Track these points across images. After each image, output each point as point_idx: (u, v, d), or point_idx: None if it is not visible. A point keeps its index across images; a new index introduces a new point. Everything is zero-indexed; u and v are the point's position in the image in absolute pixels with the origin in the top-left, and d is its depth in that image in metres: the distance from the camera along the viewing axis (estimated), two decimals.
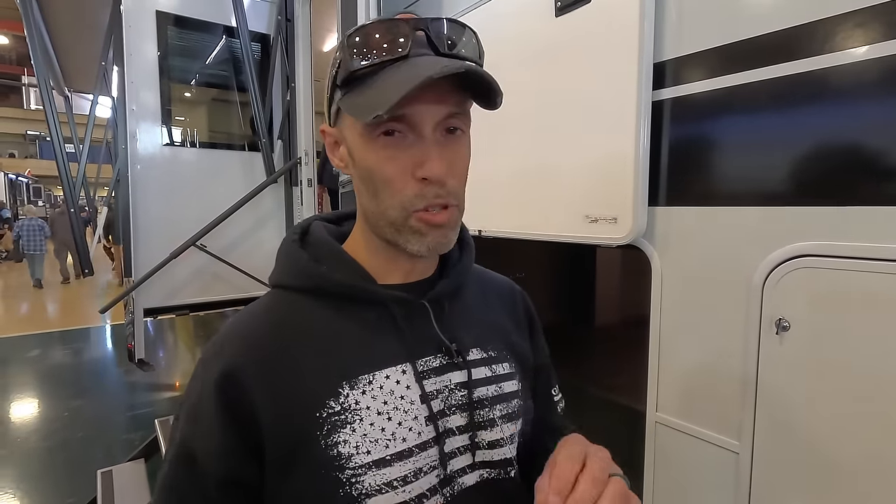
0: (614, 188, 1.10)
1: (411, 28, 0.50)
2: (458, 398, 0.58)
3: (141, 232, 2.68)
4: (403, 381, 0.55)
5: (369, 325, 0.56)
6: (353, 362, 0.54)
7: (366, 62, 0.50)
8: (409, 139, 0.52)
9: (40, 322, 6.46)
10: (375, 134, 0.52)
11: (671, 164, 1.05)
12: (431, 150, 0.51)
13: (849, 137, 0.80)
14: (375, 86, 0.50)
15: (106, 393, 4.21)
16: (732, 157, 0.95)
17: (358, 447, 0.51)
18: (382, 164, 0.52)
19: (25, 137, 23.82)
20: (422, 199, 0.52)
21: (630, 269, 2.76)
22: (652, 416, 1.10)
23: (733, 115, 0.94)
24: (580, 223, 1.19)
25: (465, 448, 0.57)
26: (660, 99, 1.05)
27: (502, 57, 1.39)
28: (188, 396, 0.55)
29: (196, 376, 0.55)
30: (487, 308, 0.68)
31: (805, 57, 0.82)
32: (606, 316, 2.53)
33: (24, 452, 3.12)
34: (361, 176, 0.55)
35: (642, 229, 1.07)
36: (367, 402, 0.53)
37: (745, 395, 0.92)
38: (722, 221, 0.96)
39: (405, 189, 0.52)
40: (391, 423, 0.53)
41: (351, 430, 0.51)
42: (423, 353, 0.57)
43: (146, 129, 2.73)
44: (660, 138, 1.06)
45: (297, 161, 2.97)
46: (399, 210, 0.53)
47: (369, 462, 0.51)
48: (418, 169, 0.51)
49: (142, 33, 2.70)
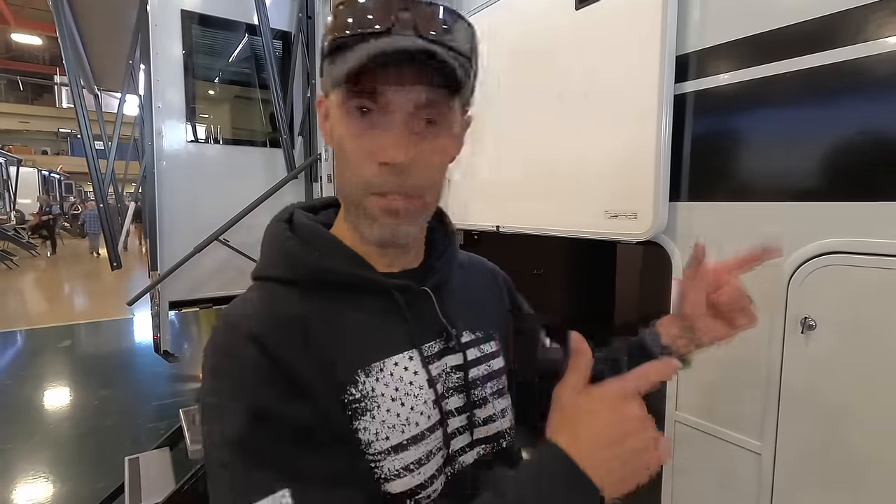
0: (635, 183, 1.09)
1: (397, 6, 0.49)
2: (454, 380, 0.59)
3: (166, 227, 2.75)
4: (411, 367, 0.56)
5: (375, 313, 0.56)
6: (365, 351, 0.54)
7: (348, 31, 0.49)
8: (381, 122, 0.50)
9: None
10: (350, 108, 0.51)
11: (693, 158, 1.03)
12: (397, 137, 0.50)
13: (881, 131, 0.77)
14: (350, 55, 0.48)
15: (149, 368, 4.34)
16: (757, 151, 0.93)
17: (377, 434, 0.52)
18: (349, 140, 0.51)
19: (58, 135, 24.64)
20: (381, 184, 0.51)
21: (650, 266, 2.72)
22: (671, 415, 1.08)
23: (759, 109, 0.92)
24: (600, 219, 1.17)
25: (464, 428, 0.59)
26: (682, 92, 1.03)
27: (522, 51, 1.38)
28: (226, 371, 0.50)
29: (229, 354, 0.51)
30: (471, 291, 0.67)
31: (836, 47, 0.79)
32: (626, 313, 2.49)
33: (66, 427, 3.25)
34: (336, 151, 0.55)
35: (663, 225, 1.06)
36: (382, 389, 0.53)
37: (769, 395, 0.89)
38: (746, 217, 0.94)
39: (364, 170, 0.51)
40: (405, 409, 0.54)
41: (370, 418, 0.52)
42: (425, 339, 0.58)
43: (171, 126, 2.79)
44: (682, 132, 1.04)
45: (318, 157, 3.00)
46: (358, 189, 0.52)
47: (388, 448, 0.52)
48: (380, 152, 0.50)
49: (167, 32, 2.76)
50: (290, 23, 3.10)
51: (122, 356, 5.14)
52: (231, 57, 3.07)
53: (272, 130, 3.09)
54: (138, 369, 4.72)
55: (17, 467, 2.90)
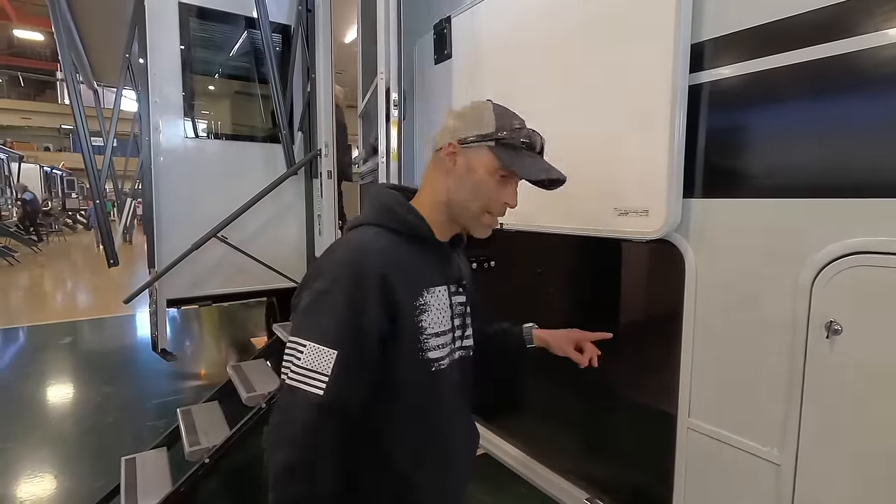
0: (646, 179, 1.03)
1: (540, 139, 0.90)
2: (459, 310, 0.96)
3: (164, 223, 2.70)
4: (444, 295, 0.92)
5: (432, 259, 0.92)
6: (427, 279, 0.90)
7: (519, 143, 0.88)
8: (509, 184, 0.90)
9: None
10: (498, 173, 0.88)
11: (708, 152, 0.98)
12: (515, 195, 0.91)
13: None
14: (524, 161, 0.88)
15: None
16: (779, 144, 0.87)
17: (430, 324, 0.88)
18: (492, 188, 0.89)
19: (60, 131, 24.63)
20: (499, 213, 0.92)
21: (659, 265, 2.64)
22: (684, 421, 1.03)
23: (780, 100, 0.87)
24: (608, 216, 1.12)
25: (459, 337, 0.96)
26: (697, 83, 0.97)
27: (528, 39, 1.33)
28: (339, 285, 0.81)
29: (349, 272, 0.81)
30: (465, 263, 1.06)
31: (867, 33, 0.74)
32: (632, 315, 2.43)
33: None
34: (471, 183, 0.90)
35: (676, 222, 1.01)
36: (433, 302, 0.89)
37: (790, 402, 0.85)
38: (765, 214, 0.88)
39: (497, 206, 0.90)
40: (440, 315, 0.90)
41: (427, 315, 0.88)
42: (451, 282, 0.95)
43: (169, 121, 2.75)
44: (696, 125, 0.99)
45: (318, 153, 2.95)
46: (481, 209, 0.90)
47: (433, 332, 0.89)
48: (509, 200, 0.90)
49: (165, 25, 2.71)
50: (290, 16, 3.04)
51: (123, 353, 5.12)
52: (230, 51, 3.02)
53: (271, 126, 3.05)
54: (139, 366, 4.69)
55: (16, 466, 2.88)
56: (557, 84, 1.24)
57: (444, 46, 1.66)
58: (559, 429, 1.66)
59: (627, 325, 1.59)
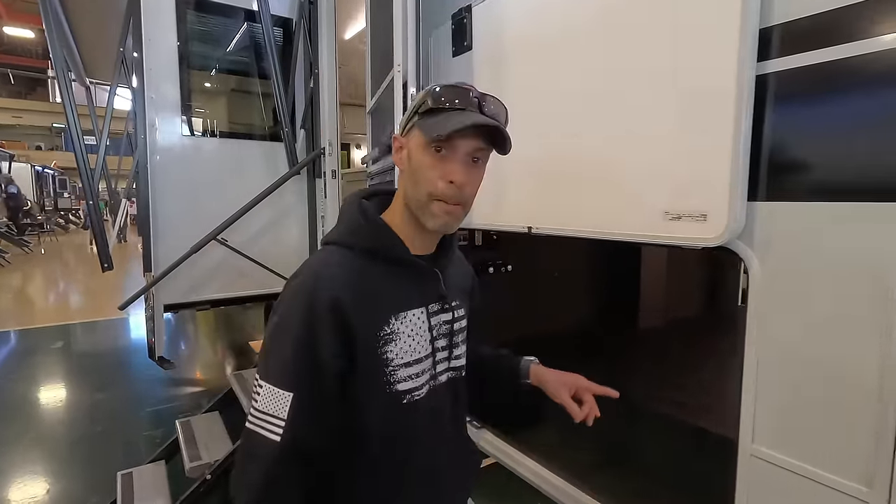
0: (704, 179, 0.93)
1: (470, 94, 0.79)
2: (444, 329, 0.90)
3: (160, 225, 2.58)
4: (421, 318, 0.85)
5: (404, 280, 0.84)
6: (396, 303, 0.83)
7: (439, 105, 0.78)
8: (449, 157, 0.79)
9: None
10: (430, 147, 0.79)
11: (778, 150, 0.88)
12: (460, 166, 0.79)
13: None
14: (440, 119, 0.77)
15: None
16: (863, 141, 0.78)
17: (398, 355, 0.81)
18: (428, 166, 0.79)
19: (52, 130, 24.29)
20: (444, 194, 0.79)
21: (713, 275, 2.50)
22: (746, 447, 0.93)
23: (867, 89, 0.77)
24: (657, 221, 1.02)
25: (445, 359, 0.91)
26: (766, 72, 0.87)
27: (562, 27, 1.22)
28: (291, 318, 0.77)
29: (304, 306, 0.76)
30: (457, 271, 0.97)
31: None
32: (679, 328, 2.30)
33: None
34: (412, 171, 0.81)
35: (739, 229, 0.91)
36: (403, 329, 0.82)
37: (882, 430, 0.75)
38: (848, 220, 0.79)
39: (437, 185, 0.79)
40: (414, 342, 0.84)
41: (395, 345, 0.81)
42: (430, 301, 0.87)
43: (165, 118, 2.62)
44: (762, 120, 0.89)
45: (321, 151, 2.84)
46: (426, 196, 0.79)
47: (402, 363, 0.82)
48: (449, 175, 0.78)
49: (161, 18, 2.58)
50: (292, 9, 2.92)
51: (116, 357, 4.97)
52: (229, 45, 2.89)
53: (273, 123, 2.93)
54: (133, 371, 4.55)
55: (3, 480, 2.75)
56: (597, 76, 1.14)
57: (464, 38, 1.56)
58: (596, 451, 1.56)
59: (675, 338, 1.50)
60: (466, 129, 0.75)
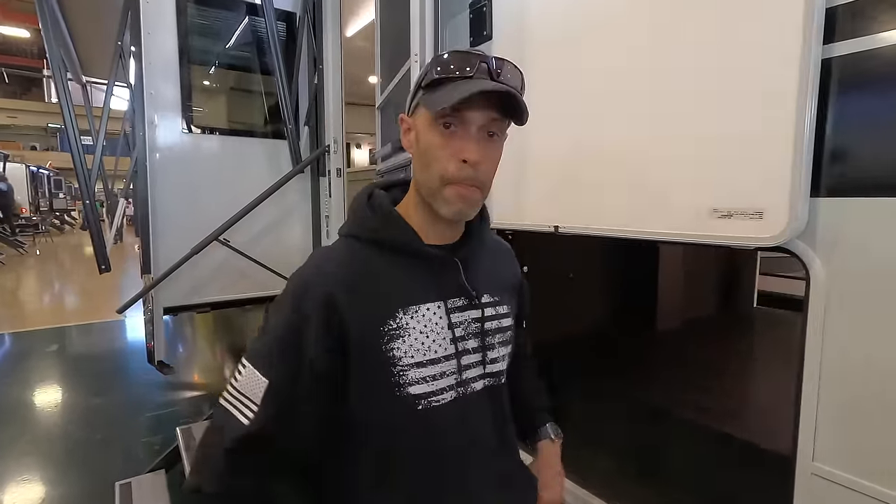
0: (760, 173, 0.86)
1: (478, 59, 0.69)
2: (473, 328, 0.80)
3: (160, 225, 2.49)
4: (438, 313, 0.76)
5: (417, 272, 0.77)
6: (405, 297, 0.75)
7: (444, 75, 0.69)
8: (459, 133, 0.70)
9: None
10: (438, 124, 0.70)
11: (845, 142, 0.80)
12: (473, 143, 0.70)
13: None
14: (446, 90, 0.68)
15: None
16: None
17: (406, 353, 0.73)
18: (437, 146, 0.71)
19: (47, 130, 24.11)
20: (457, 175, 0.70)
21: (768, 276, 2.39)
22: (805, 465, 0.86)
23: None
24: (704, 219, 0.94)
25: (478, 363, 0.80)
26: (831, 56, 0.80)
27: (595, 11, 1.15)
28: (285, 308, 0.73)
29: (296, 296, 0.72)
30: (495, 264, 0.88)
31: None
32: (726, 335, 2.21)
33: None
34: (420, 153, 0.74)
35: (801, 227, 0.83)
36: (414, 325, 0.74)
37: None
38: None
39: (448, 166, 0.70)
40: (428, 340, 0.75)
41: (402, 342, 0.73)
42: (451, 295, 0.78)
43: (165, 115, 2.53)
44: (826, 108, 0.81)
45: (326, 149, 2.75)
46: (438, 180, 0.71)
47: (412, 363, 0.73)
48: (461, 153, 0.70)
49: (160, 11, 2.49)
50: (296, 3, 2.83)
51: (113, 360, 4.87)
52: (231, 40, 2.81)
53: (276, 120, 2.84)
54: (131, 375, 4.45)
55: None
56: (635, 63, 1.06)
57: (483, 27, 1.48)
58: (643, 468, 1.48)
59: (721, 346, 1.42)
60: (475, 97, 0.66)
